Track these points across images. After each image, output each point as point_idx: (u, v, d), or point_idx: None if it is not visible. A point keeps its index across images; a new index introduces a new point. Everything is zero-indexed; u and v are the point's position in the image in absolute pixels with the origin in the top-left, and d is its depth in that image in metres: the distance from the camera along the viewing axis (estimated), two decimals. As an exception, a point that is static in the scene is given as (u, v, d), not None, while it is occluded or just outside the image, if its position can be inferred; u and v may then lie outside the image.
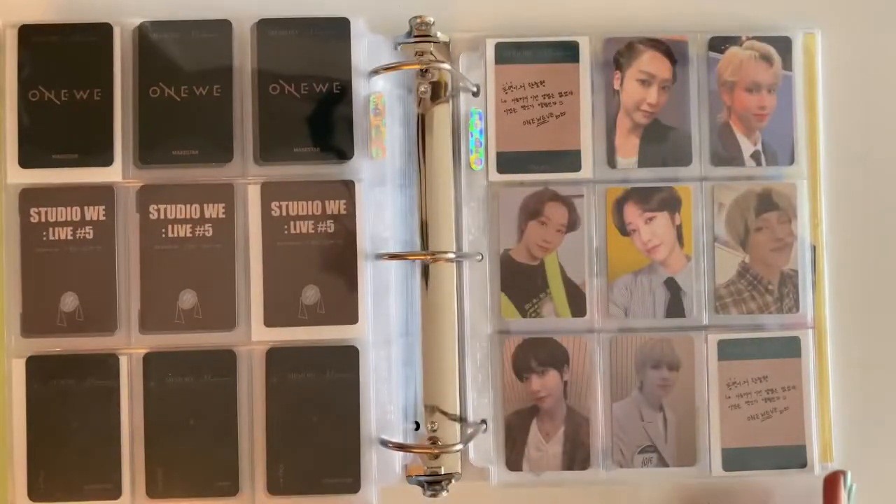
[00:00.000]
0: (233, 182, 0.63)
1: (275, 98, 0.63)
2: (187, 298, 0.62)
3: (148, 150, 0.63)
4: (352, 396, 0.62)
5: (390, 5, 0.66)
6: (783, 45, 0.65)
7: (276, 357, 0.62)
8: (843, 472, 0.62)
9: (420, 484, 0.62)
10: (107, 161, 0.63)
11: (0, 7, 0.64)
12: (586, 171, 0.65)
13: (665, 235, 0.65)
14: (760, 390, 0.64)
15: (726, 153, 0.65)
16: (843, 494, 0.62)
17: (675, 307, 0.64)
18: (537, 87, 0.65)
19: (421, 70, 0.64)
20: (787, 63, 0.65)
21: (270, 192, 0.63)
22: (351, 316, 0.62)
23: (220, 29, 0.63)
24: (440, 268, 0.64)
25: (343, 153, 0.63)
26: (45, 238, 0.62)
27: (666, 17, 0.66)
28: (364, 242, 0.63)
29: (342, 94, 0.63)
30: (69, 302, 0.62)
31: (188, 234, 0.62)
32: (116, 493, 0.61)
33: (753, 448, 0.64)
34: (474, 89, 0.65)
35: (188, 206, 0.63)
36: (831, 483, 0.62)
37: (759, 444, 0.64)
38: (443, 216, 0.64)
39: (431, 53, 0.64)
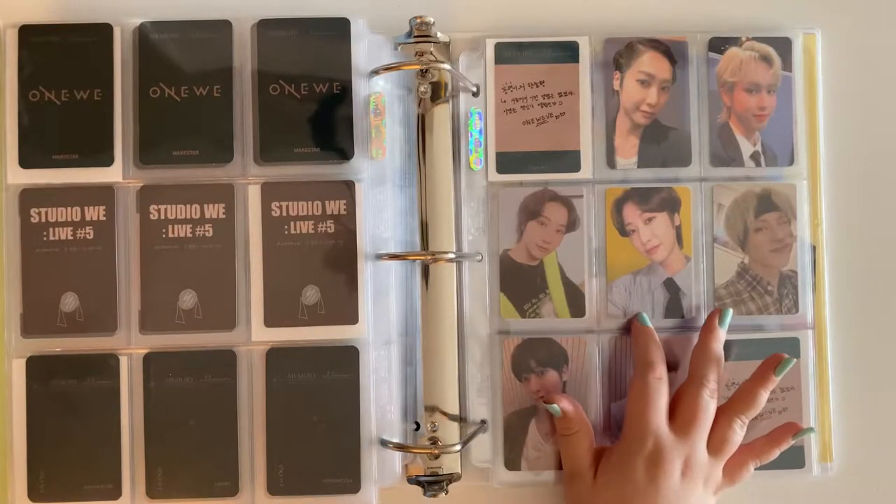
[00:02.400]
0: (233, 182, 0.63)
1: (275, 98, 0.63)
2: (187, 298, 0.62)
3: (148, 151, 0.63)
4: (352, 396, 0.62)
5: (390, 5, 0.66)
6: (783, 46, 0.65)
7: (276, 357, 0.62)
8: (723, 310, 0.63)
9: (420, 484, 0.62)
10: (107, 161, 0.63)
11: (0, 7, 0.64)
12: (586, 171, 0.65)
13: (664, 236, 0.65)
14: (760, 391, 0.64)
15: (726, 154, 0.65)
16: (718, 325, 0.63)
17: (675, 307, 0.64)
18: (537, 87, 0.65)
19: (421, 70, 0.64)
20: (787, 63, 0.65)
21: (270, 192, 0.63)
22: (351, 316, 0.62)
23: (220, 29, 0.63)
24: (440, 268, 0.64)
25: (343, 153, 0.63)
26: (45, 238, 0.62)
27: (666, 18, 0.66)
28: (364, 242, 0.63)
29: (342, 94, 0.63)
30: (69, 302, 0.62)
31: (188, 235, 0.63)
32: (116, 494, 0.62)
33: (752, 449, 0.64)
34: (474, 89, 0.65)
35: (188, 206, 0.63)
36: (711, 317, 0.63)
37: (759, 444, 0.64)
38: (443, 216, 0.64)
39: (431, 53, 0.64)
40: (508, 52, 0.65)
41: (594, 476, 0.61)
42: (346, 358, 0.62)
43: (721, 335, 0.63)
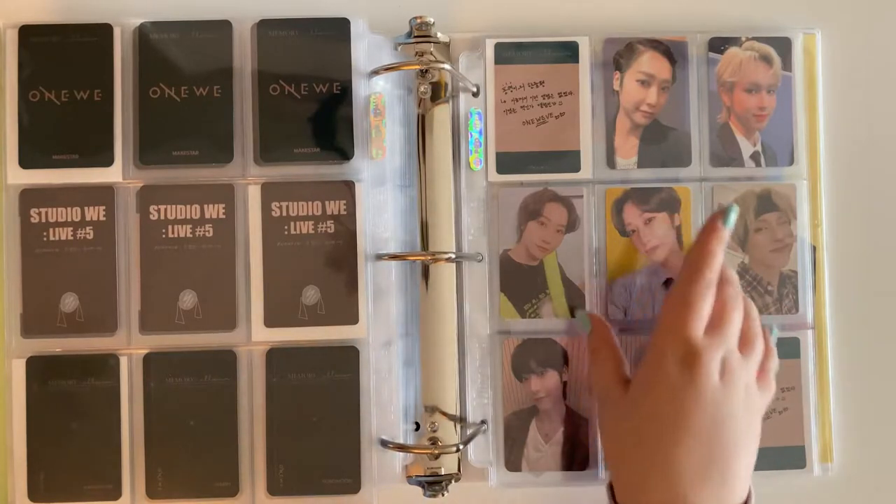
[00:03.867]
0: (233, 182, 0.63)
1: (275, 98, 0.63)
2: (187, 299, 0.62)
3: (148, 151, 0.63)
4: (352, 397, 0.62)
5: (390, 5, 0.66)
6: (783, 46, 0.65)
7: (277, 357, 0.62)
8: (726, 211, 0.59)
9: (420, 484, 0.62)
10: (107, 161, 0.63)
11: (0, 7, 0.64)
12: (586, 171, 0.65)
13: (664, 236, 0.65)
14: (760, 391, 0.64)
15: (726, 154, 0.65)
16: (721, 226, 0.58)
17: (675, 308, 0.64)
18: (537, 87, 0.65)
19: (421, 70, 0.64)
20: (787, 63, 0.65)
21: (271, 192, 0.63)
22: (351, 316, 0.62)
23: (221, 29, 0.63)
24: (440, 268, 0.64)
25: (343, 153, 0.63)
26: (45, 238, 0.62)
27: (666, 18, 0.66)
28: (364, 243, 0.63)
29: (342, 94, 0.63)
30: (69, 302, 0.62)
31: (188, 235, 0.63)
32: (116, 494, 0.61)
33: (753, 449, 0.64)
34: (474, 89, 0.65)
35: (188, 206, 0.63)
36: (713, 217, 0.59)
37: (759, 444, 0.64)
38: (443, 216, 0.64)
39: (431, 54, 0.64)
40: (508, 52, 0.65)
41: (625, 392, 0.57)
42: (346, 358, 0.62)
43: (724, 236, 0.58)
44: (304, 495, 0.62)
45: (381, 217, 0.64)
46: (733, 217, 0.58)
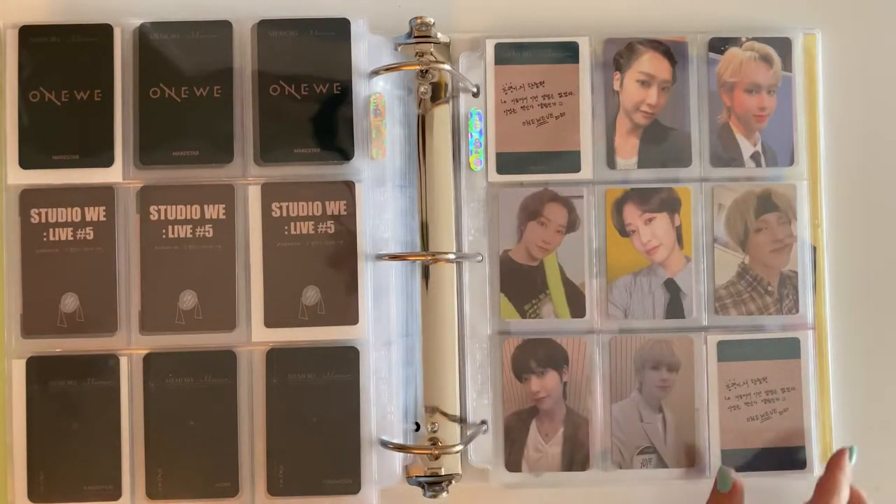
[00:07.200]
0: (233, 183, 0.63)
1: (275, 99, 0.63)
2: (187, 299, 0.62)
3: (148, 151, 0.63)
4: (352, 397, 0.62)
5: (390, 6, 0.66)
6: (783, 46, 0.65)
7: (277, 358, 0.62)
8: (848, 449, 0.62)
9: (420, 485, 0.62)
10: (107, 162, 0.63)
11: (0, 7, 0.64)
12: (586, 171, 0.65)
13: (665, 236, 0.65)
14: (760, 391, 0.64)
15: (726, 154, 0.65)
16: (847, 468, 0.61)
17: (675, 308, 0.64)
18: (537, 87, 0.65)
19: (421, 71, 0.64)
20: (787, 64, 0.65)
21: (271, 192, 0.63)
22: (351, 317, 0.62)
23: (221, 30, 0.63)
24: (440, 268, 0.64)
25: (343, 154, 0.63)
26: (45, 239, 0.62)
27: (666, 18, 0.66)
28: (364, 243, 0.63)
29: (342, 94, 0.63)
30: (69, 302, 0.62)
31: (188, 235, 0.63)
32: (116, 494, 0.61)
33: (753, 449, 0.64)
34: (474, 90, 0.65)
35: (188, 206, 0.63)
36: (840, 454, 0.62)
37: (759, 445, 0.64)
38: (443, 217, 0.64)
39: (431, 54, 0.64)
40: (508, 53, 0.65)
41: None
42: (347, 358, 0.62)
43: (849, 471, 0.62)
44: (304, 495, 0.62)
45: (381, 217, 0.64)
46: (855, 456, 0.62)
